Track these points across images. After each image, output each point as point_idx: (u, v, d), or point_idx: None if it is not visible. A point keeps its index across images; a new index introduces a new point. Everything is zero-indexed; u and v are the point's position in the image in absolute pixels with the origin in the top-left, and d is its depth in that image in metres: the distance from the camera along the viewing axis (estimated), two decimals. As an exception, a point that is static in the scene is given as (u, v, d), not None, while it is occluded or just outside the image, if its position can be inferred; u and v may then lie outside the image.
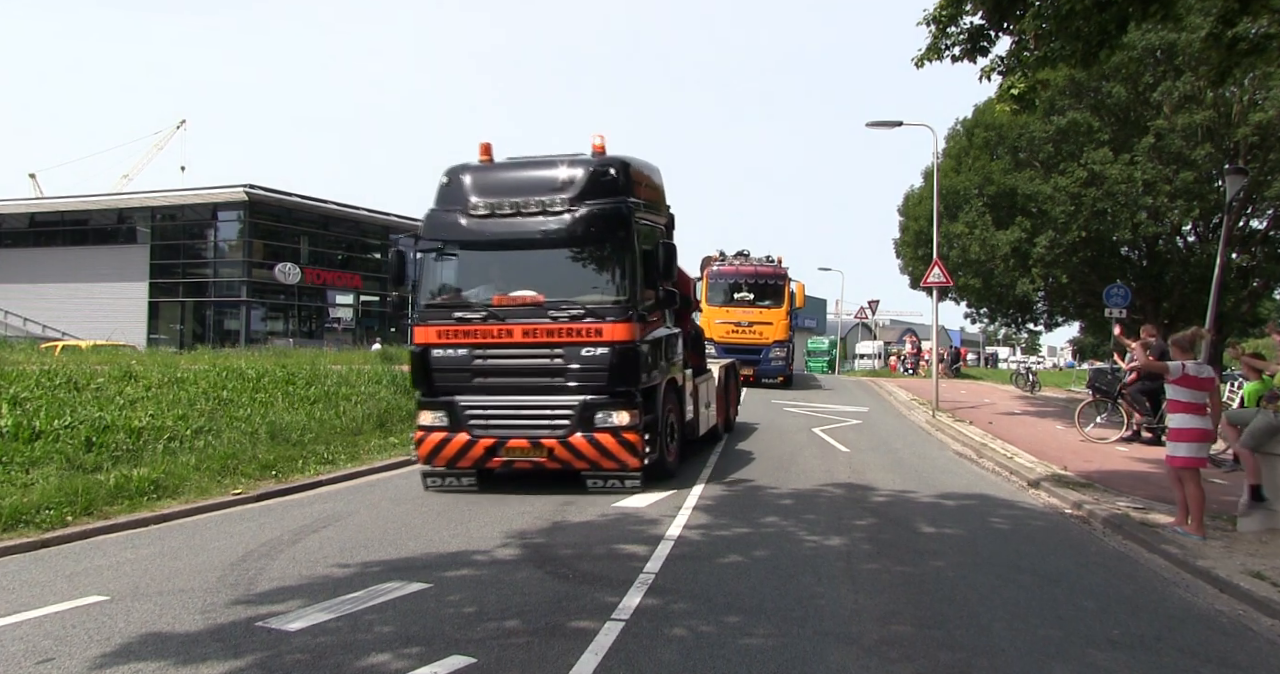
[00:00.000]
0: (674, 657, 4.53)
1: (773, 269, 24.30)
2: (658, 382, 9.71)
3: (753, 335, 23.36)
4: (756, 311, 23.51)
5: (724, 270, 24.20)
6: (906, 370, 40.00)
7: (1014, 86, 9.62)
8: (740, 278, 24.08)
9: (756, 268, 24.24)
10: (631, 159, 9.80)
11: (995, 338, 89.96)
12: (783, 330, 23.80)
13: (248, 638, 4.80)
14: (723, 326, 23.15)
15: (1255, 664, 4.82)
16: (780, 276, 24.14)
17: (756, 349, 23.28)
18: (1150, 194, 23.04)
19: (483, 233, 9.29)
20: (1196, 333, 8.19)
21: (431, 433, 9.23)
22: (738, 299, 23.75)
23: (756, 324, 23.39)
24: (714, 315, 23.17)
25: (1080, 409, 15.81)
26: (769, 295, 23.88)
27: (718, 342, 22.08)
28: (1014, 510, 9.01)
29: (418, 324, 9.42)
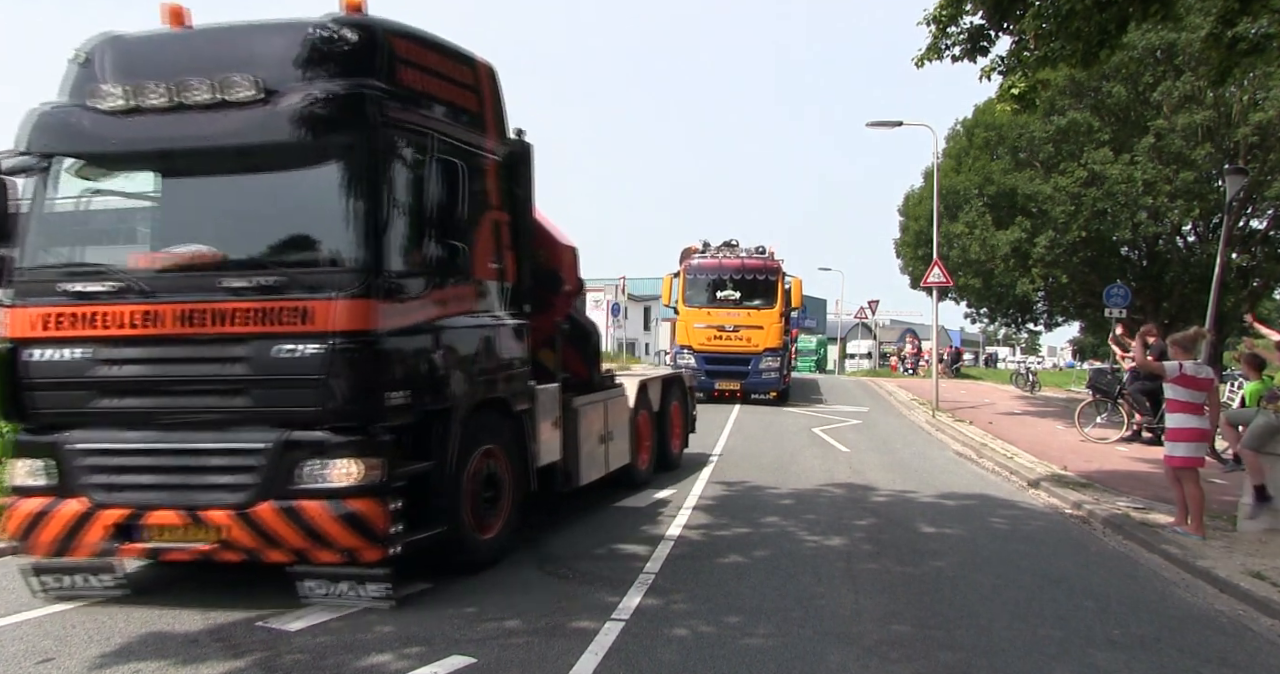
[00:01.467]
0: (674, 657, 4.53)
1: (763, 262, 20.36)
2: (450, 405, 5.81)
3: (739, 342, 19.63)
4: (744, 313, 19.79)
5: (704, 264, 20.47)
6: (906, 370, 40.00)
7: (1014, 86, 9.63)
8: (724, 273, 20.31)
9: (743, 261, 20.31)
10: (393, 23, 5.74)
11: (995, 338, 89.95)
12: (775, 335, 19.85)
13: (248, 638, 4.79)
14: (703, 331, 19.72)
15: (1255, 664, 4.82)
16: (772, 271, 20.25)
17: (744, 358, 19.60)
18: (1150, 194, 23.03)
19: (112, 139, 5.44)
20: (1197, 333, 8.19)
21: (24, 497, 5.40)
22: (721, 298, 20.07)
23: (744, 328, 19.59)
24: (693, 318, 19.97)
25: (1080, 409, 15.82)
26: (759, 293, 20.09)
27: (696, 350, 19.50)
28: (1014, 510, 9.01)
29: (7, 304, 5.48)
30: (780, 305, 20.07)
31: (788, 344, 21.12)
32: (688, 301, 20.12)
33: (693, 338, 19.69)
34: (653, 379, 10.46)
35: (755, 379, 19.72)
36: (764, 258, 20.47)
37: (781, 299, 20.12)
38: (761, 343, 19.64)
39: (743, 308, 19.87)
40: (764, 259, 20.44)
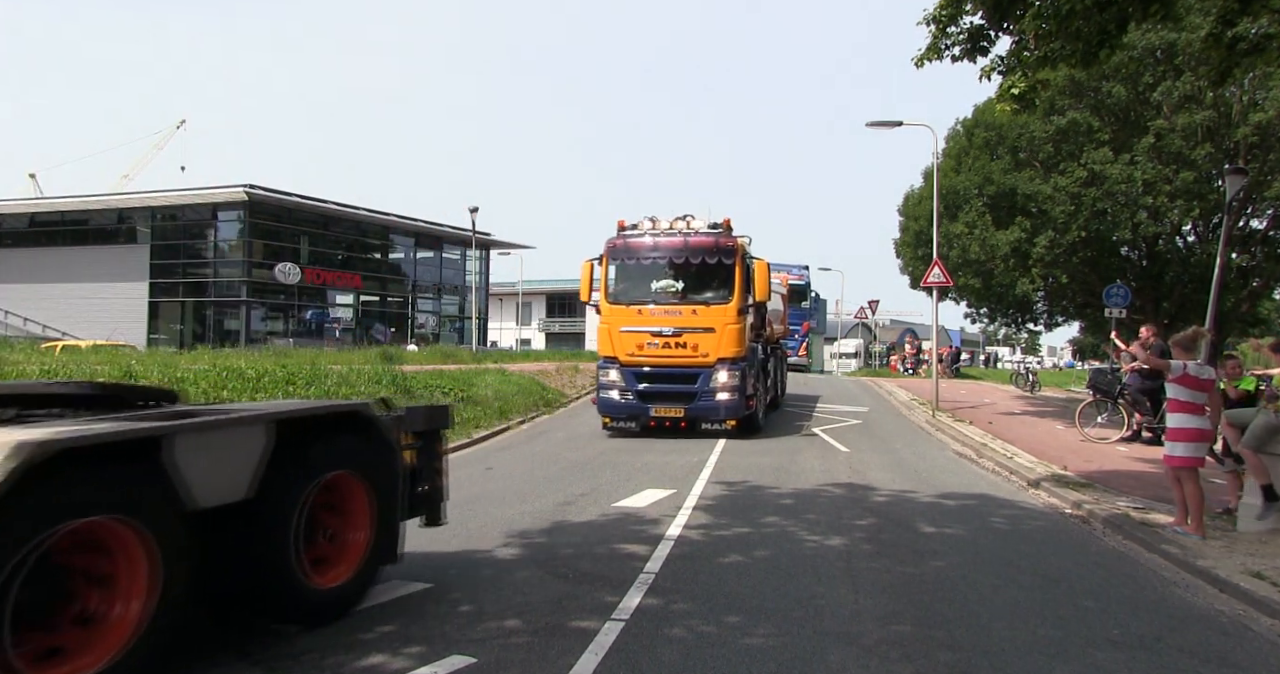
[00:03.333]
0: (674, 657, 4.53)
1: (714, 239, 14.26)
2: None
3: (683, 352, 14.04)
4: (688, 311, 14.12)
5: (635, 244, 14.54)
6: (906, 370, 40.00)
7: (1014, 86, 9.63)
8: (661, 256, 14.48)
9: (687, 239, 14.36)
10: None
11: (995, 338, 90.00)
12: (733, 340, 13.98)
13: (248, 638, 4.80)
14: (633, 337, 14.21)
15: (1255, 664, 4.82)
16: (728, 252, 14.21)
17: (690, 373, 14.06)
18: (1150, 194, 23.05)
19: None
20: (1197, 332, 8.19)
21: None
22: (658, 291, 14.39)
23: (689, 332, 14.01)
24: (619, 319, 14.34)
25: (1080, 409, 15.82)
26: (711, 283, 14.34)
27: (625, 363, 14.24)
28: (1014, 510, 9.01)
29: None
30: (739, 298, 14.12)
31: (756, 352, 15.14)
32: (613, 297, 14.54)
33: (619, 346, 14.26)
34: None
35: (705, 403, 13.98)
36: (716, 233, 14.29)
37: (741, 290, 14.15)
38: (713, 351, 13.87)
39: (688, 303, 14.14)
40: (716, 235, 14.27)
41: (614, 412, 14.55)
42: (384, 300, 49.95)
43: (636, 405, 14.31)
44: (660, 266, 14.56)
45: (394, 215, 47.66)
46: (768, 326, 17.07)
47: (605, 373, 14.56)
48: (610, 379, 14.49)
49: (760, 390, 15.45)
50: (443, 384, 17.46)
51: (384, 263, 50.34)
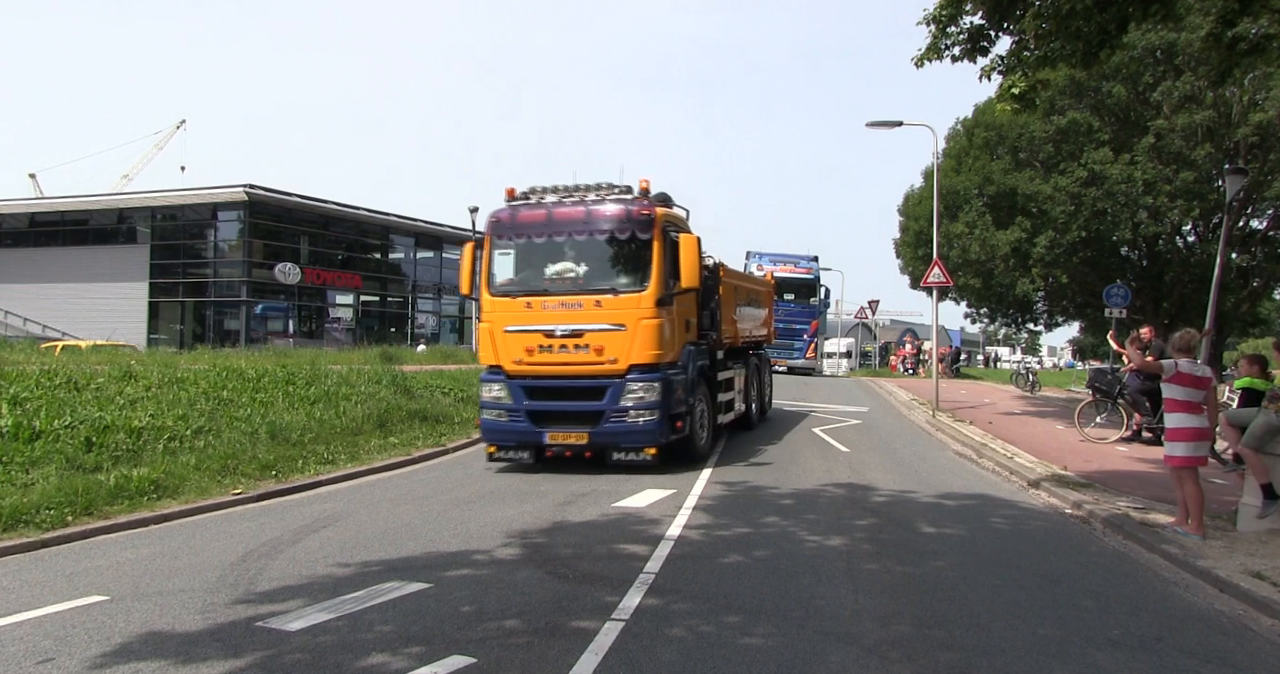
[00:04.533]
0: (674, 657, 4.53)
1: (624, 208, 10.92)
2: None
3: (583, 359, 10.67)
4: (590, 302, 10.69)
5: (523, 218, 11.16)
6: (907, 370, 40.00)
7: (1014, 86, 9.64)
8: (555, 232, 11.06)
9: (588, 209, 11.01)
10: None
11: (995, 338, 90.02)
12: (651, 340, 10.57)
13: (248, 638, 4.80)
14: (520, 340, 10.84)
15: (1255, 664, 4.82)
16: (642, 223, 10.79)
17: (593, 387, 10.64)
18: (1150, 194, 23.07)
19: None
20: (1191, 334, 8.20)
21: None
22: (553, 278, 11.07)
23: (591, 331, 10.62)
24: (503, 315, 11.02)
25: (1080, 409, 15.82)
26: (620, 265, 10.92)
27: (511, 373, 10.89)
28: (1014, 510, 9.01)
29: None
30: (658, 284, 10.59)
31: (691, 357, 11.49)
32: (496, 288, 11.16)
33: (504, 352, 10.89)
34: None
35: (614, 425, 10.52)
36: (627, 201, 10.94)
37: (661, 273, 10.63)
38: (624, 356, 10.49)
39: (590, 293, 10.70)
40: (625, 202, 10.93)
41: (500, 438, 11.01)
42: (384, 300, 49.94)
43: (526, 429, 10.71)
44: (557, 246, 11.02)
45: (394, 215, 47.66)
46: (728, 324, 13.56)
47: (488, 387, 11.04)
48: (493, 396, 10.95)
49: (702, 407, 11.81)
50: (442, 384, 17.46)
51: (384, 263, 50.32)
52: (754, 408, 15.60)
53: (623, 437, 10.58)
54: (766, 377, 17.37)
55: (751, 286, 16.47)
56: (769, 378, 17.80)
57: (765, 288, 18.36)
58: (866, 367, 46.61)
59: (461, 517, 8.13)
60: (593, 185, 11.27)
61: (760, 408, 16.35)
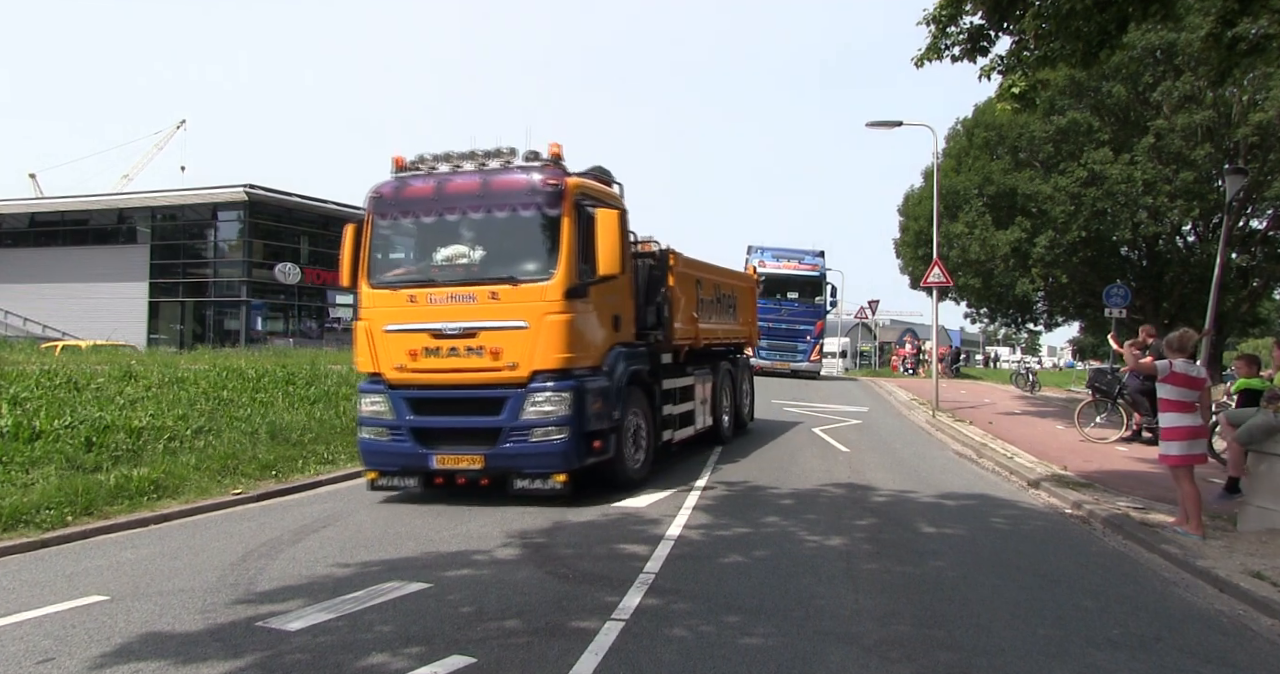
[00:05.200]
0: (674, 657, 4.53)
1: (527, 179, 8.89)
2: None
3: (476, 364, 8.71)
4: (485, 295, 8.70)
5: (407, 191, 9.26)
6: (907, 370, 40.00)
7: (1014, 85, 9.64)
8: (447, 207, 9.07)
9: (486, 180, 9.00)
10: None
11: (995, 338, 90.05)
12: (559, 340, 8.58)
13: (248, 638, 4.80)
14: (400, 342, 8.94)
15: (1255, 664, 4.82)
16: (549, 196, 8.76)
17: (489, 398, 8.71)
18: (1150, 194, 23.08)
19: None
20: (1187, 334, 8.22)
21: None
22: (443, 265, 9.18)
23: (486, 330, 8.67)
24: (383, 313, 9.11)
25: (1080, 409, 15.82)
26: (522, 248, 8.94)
27: (393, 382, 8.98)
28: (1014, 510, 9.01)
29: None
30: (567, 271, 8.60)
31: (620, 361, 9.41)
32: (376, 278, 9.25)
33: (384, 356, 8.99)
34: None
35: (516, 446, 8.59)
36: (532, 171, 8.93)
37: (572, 257, 8.66)
38: (526, 360, 8.56)
39: (484, 283, 8.74)
40: (528, 172, 8.94)
41: (380, 461, 9.01)
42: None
43: (410, 451, 8.80)
44: (449, 226, 9.03)
45: (394, 215, 47.52)
46: (685, 323, 11.54)
47: (365, 400, 9.08)
48: (371, 410, 9.01)
49: (638, 422, 9.82)
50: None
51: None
52: (726, 420, 13.65)
53: (525, 460, 8.51)
54: (745, 384, 15.34)
55: (723, 280, 13.92)
56: (749, 385, 15.68)
57: (745, 283, 15.86)
58: (866, 366, 46.61)
59: (461, 516, 8.12)
60: (493, 151, 9.11)
61: (736, 420, 14.36)
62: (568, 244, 8.65)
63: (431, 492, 9.07)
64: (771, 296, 27.68)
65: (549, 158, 9.05)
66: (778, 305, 28.15)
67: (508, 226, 8.89)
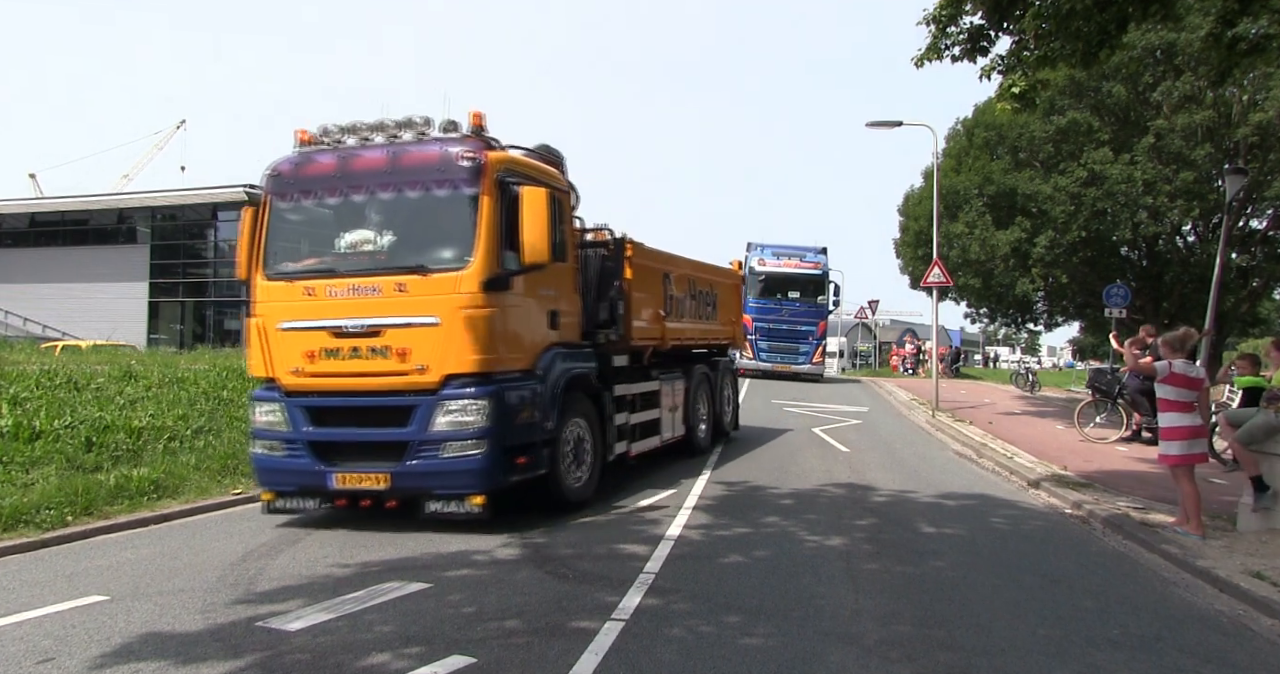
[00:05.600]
0: (674, 657, 4.53)
1: (440, 154, 7.65)
2: None
3: (381, 366, 7.49)
4: (391, 286, 7.51)
5: (307, 169, 8.08)
6: (907, 370, 40.01)
7: (1014, 85, 9.64)
8: (352, 186, 7.88)
9: (394, 155, 7.79)
10: None
11: (995, 338, 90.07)
12: (476, 339, 7.32)
13: (248, 638, 4.80)
14: (296, 341, 7.75)
15: (1255, 664, 4.82)
16: (465, 173, 7.50)
17: (397, 405, 7.45)
18: (1150, 194, 23.09)
19: None
20: (1187, 333, 8.23)
21: None
22: (346, 253, 7.92)
23: (392, 327, 7.46)
24: (280, 308, 7.87)
25: (1080, 409, 15.82)
26: (436, 233, 7.72)
27: (288, 387, 7.82)
28: (1014, 510, 9.01)
29: None
30: (485, 259, 7.43)
31: (555, 363, 8.29)
32: (271, 267, 8.09)
33: (278, 358, 7.87)
34: None
35: (425, 462, 7.40)
36: (444, 142, 7.82)
37: (492, 240, 7.49)
38: (438, 362, 7.42)
39: (390, 273, 7.64)
40: (443, 145, 7.79)
41: (275, 480, 7.87)
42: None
43: (307, 468, 7.64)
44: (354, 207, 7.93)
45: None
46: (650, 322, 10.52)
47: (260, 409, 7.96)
48: (265, 420, 7.90)
49: (579, 433, 8.61)
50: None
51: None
52: (703, 429, 12.52)
53: (436, 479, 7.32)
54: (727, 389, 14.01)
55: (699, 275, 12.67)
56: (731, 391, 14.32)
57: (728, 279, 14.39)
58: (866, 366, 46.60)
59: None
60: (406, 121, 7.95)
61: (715, 428, 13.12)
62: (487, 227, 7.43)
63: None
64: (772, 296, 27.37)
65: (470, 128, 7.83)
66: (778, 305, 27.48)
67: (419, 207, 7.73)
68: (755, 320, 26.61)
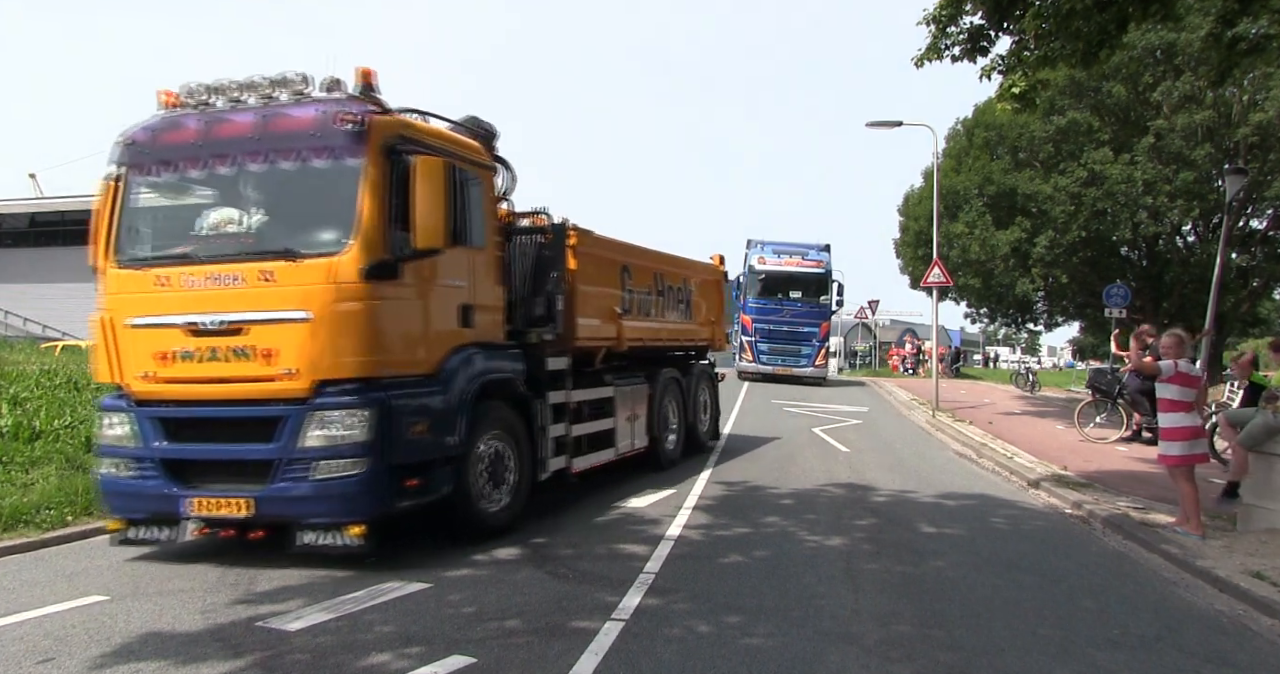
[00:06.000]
0: (674, 657, 4.53)
1: (315, 115, 6.37)
2: None
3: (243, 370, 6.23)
4: (254, 275, 6.22)
5: (169, 137, 6.77)
6: (907, 370, 40.01)
7: (1014, 85, 9.65)
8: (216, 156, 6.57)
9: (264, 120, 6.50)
10: None
11: (995, 338, 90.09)
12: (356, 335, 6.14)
13: (248, 638, 4.80)
14: (146, 340, 6.56)
15: (1255, 664, 4.82)
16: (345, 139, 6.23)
17: (264, 419, 6.21)
18: (1150, 194, 23.10)
19: None
20: (1183, 338, 8.26)
21: None
22: (207, 234, 6.62)
23: (257, 323, 6.19)
24: (130, 301, 6.76)
25: (1080, 409, 15.82)
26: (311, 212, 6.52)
27: (137, 397, 6.62)
28: (1014, 510, 9.01)
29: None
30: (371, 240, 6.18)
31: (470, 364, 6.98)
32: (121, 253, 7.02)
33: (127, 359, 6.71)
34: None
35: (295, 484, 6.11)
36: (323, 103, 6.49)
37: (377, 219, 6.22)
38: (307, 365, 6.13)
39: (255, 258, 6.35)
40: (321, 106, 6.46)
41: (126, 505, 6.68)
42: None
43: (158, 491, 6.46)
44: (218, 181, 6.75)
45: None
46: (603, 319, 9.41)
47: (106, 420, 6.86)
48: (113, 434, 6.77)
49: (497, 448, 7.28)
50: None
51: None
52: (672, 439, 11.31)
53: (306, 505, 6.13)
54: (703, 395, 12.80)
55: (668, 269, 11.46)
56: (709, 397, 13.05)
57: (706, 275, 13.12)
58: (865, 366, 46.60)
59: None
60: (281, 79, 6.63)
61: (690, 439, 11.90)
62: (371, 204, 6.20)
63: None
64: (772, 296, 26.32)
65: (358, 88, 6.57)
66: (779, 305, 26.25)
67: (293, 181, 6.49)
68: (755, 321, 26.00)
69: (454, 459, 6.76)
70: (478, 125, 7.89)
